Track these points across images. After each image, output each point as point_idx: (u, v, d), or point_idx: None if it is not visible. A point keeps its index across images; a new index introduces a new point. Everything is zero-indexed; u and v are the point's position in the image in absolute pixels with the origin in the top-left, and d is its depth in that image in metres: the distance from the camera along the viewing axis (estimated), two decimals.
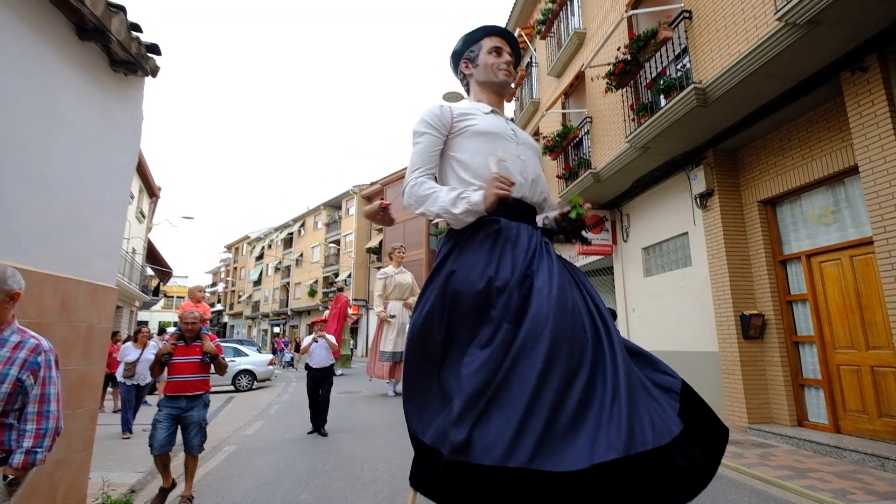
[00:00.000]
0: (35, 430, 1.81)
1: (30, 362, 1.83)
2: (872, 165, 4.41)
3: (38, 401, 1.84)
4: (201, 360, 3.78)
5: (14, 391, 1.78)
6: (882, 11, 4.01)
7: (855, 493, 3.66)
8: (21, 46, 2.93)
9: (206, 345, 3.82)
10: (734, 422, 6.04)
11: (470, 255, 1.71)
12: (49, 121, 3.15)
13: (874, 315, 4.83)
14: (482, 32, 2.22)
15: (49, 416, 1.86)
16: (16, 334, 1.88)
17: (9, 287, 1.87)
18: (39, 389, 1.85)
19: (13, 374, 1.78)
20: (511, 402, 1.34)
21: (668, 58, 6.35)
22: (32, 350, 1.86)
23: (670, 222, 7.68)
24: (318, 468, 4.65)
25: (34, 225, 3.05)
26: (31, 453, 1.78)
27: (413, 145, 1.99)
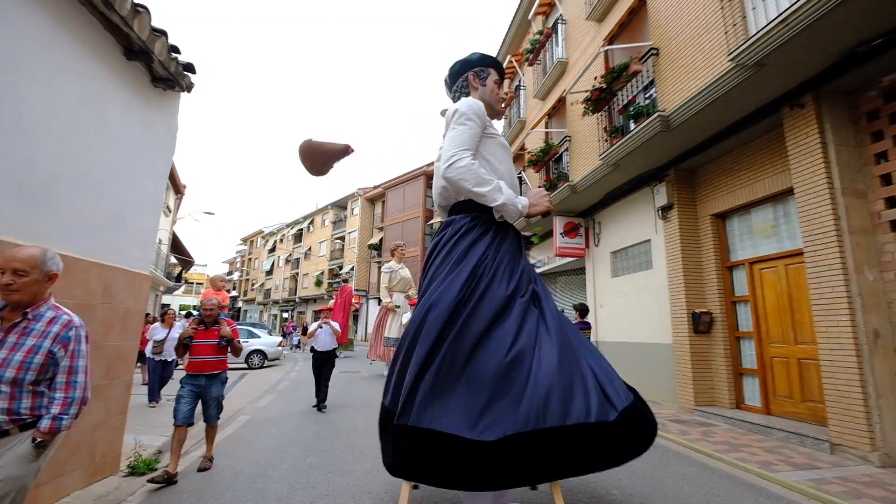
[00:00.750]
0: (63, 398, 1.79)
1: (61, 336, 1.83)
2: (805, 188, 4.62)
3: (66, 372, 1.82)
4: (218, 343, 3.78)
5: (46, 362, 1.78)
6: (817, 58, 4.20)
7: (777, 464, 3.88)
8: (78, 65, 3.04)
9: (223, 329, 3.82)
10: (683, 404, 6.27)
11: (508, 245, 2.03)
12: (99, 129, 3.26)
13: (803, 315, 5.06)
14: (495, 62, 2.36)
15: (76, 385, 1.84)
16: (51, 310, 1.88)
17: (47, 268, 1.87)
18: (68, 361, 1.84)
19: (46, 347, 1.78)
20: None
21: (638, 88, 6.53)
22: (65, 325, 1.86)
23: (636, 230, 7.87)
24: (322, 436, 4.79)
25: (83, 219, 3.15)
26: (58, 419, 1.76)
27: (460, 125, 1.95)
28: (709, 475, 3.72)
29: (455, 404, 1.64)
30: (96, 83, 3.21)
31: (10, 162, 2.54)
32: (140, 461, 3.69)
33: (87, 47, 3.11)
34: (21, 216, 2.62)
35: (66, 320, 1.87)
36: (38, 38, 2.71)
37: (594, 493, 3.22)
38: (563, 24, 9.50)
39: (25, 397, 1.74)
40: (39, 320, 1.82)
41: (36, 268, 1.81)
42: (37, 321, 1.81)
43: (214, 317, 3.86)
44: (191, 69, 4.06)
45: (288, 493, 3.14)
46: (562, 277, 11.66)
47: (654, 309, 7.21)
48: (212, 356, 3.76)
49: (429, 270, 2.03)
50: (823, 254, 4.39)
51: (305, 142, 2.44)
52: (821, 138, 4.48)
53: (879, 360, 4.03)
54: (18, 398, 1.72)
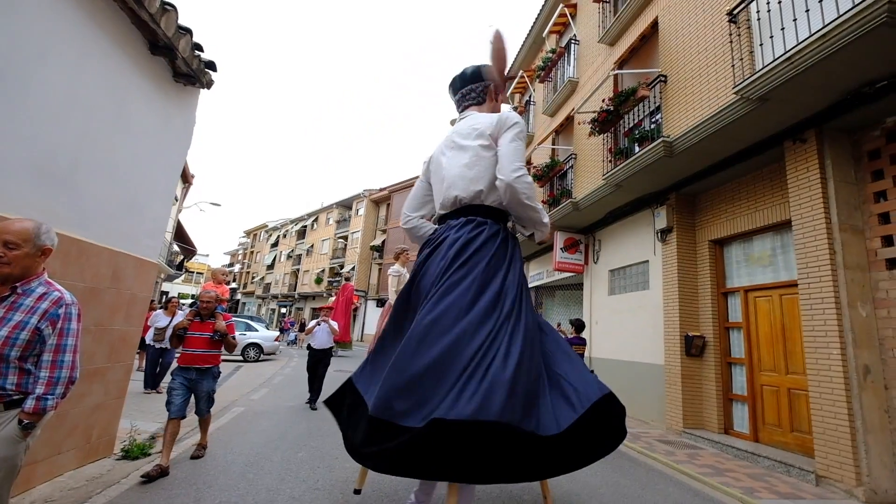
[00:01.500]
0: (48, 377, 1.72)
1: (50, 313, 1.74)
2: (802, 221, 4.68)
3: (53, 350, 1.74)
4: (212, 336, 3.68)
5: (32, 339, 1.70)
6: (821, 96, 4.27)
7: (761, 492, 3.89)
8: (104, 57, 3.12)
9: (217, 323, 3.71)
10: (671, 425, 6.27)
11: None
12: (119, 120, 3.33)
13: (795, 346, 5.09)
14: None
15: (63, 365, 1.76)
16: (42, 286, 1.79)
17: (41, 242, 1.79)
18: (56, 339, 1.75)
19: (33, 323, 1.70)
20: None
21: (644, 112, 6.62)
22: (55, 302, 1.77)
23: (635, 250, 7.91)
24: (313, 432, 4.81)
25: (98, 205, 3.22)
26: (42, 399, 1.69)
27: (520, 140, 2.05)
28: (691, 497, 3.73)
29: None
30: (120, 75, 3.29)
31: (33, 147, 2.61)
32: (134, 445, 3.73)
33: (114, 41, 3.19)
34: (39, 200, 2.69)
35: (56, 297, 1.78)
36: (67, 29, 2.79)
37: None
38: (576, 45, 9.63)
39: (11, 373, 1.68)
40: (29, 295, 1.74)
41: (29, 241, 1.73)
42: (26, 296, 1.73)
43: (211, 310, 3.76)
44: (212, 67, 4.15)
45: (278, 484, 3.16)
46: (560, 291, 11.70)
47: (649, 329, 7.23)
48: (204, 349, 3.66)
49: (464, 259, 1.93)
50: (817, 287, 4.43)
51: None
52: (821, 174, 4.54)
53: (868, 396, 4.05)
54: (4, 374, 1.66)
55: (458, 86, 2.43)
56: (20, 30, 2.44)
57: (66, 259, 2.91)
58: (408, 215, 2.42)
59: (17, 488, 2.73)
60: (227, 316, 3.93)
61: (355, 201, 34.82)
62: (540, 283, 12.18)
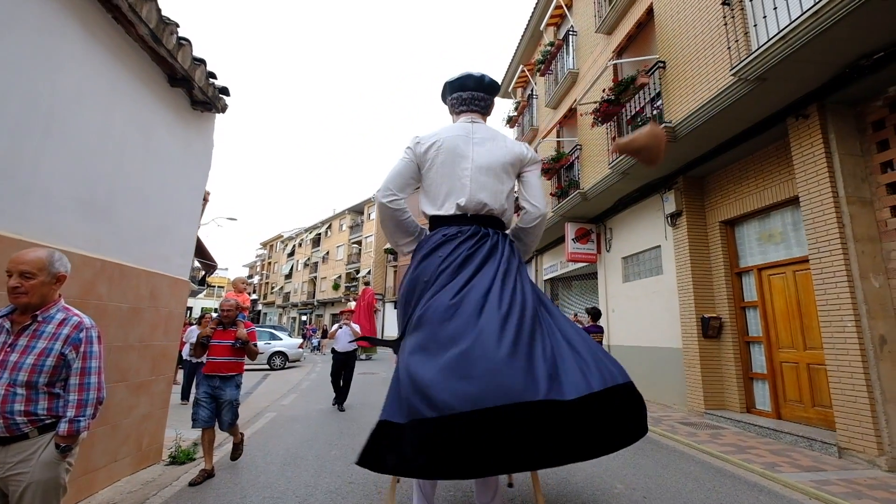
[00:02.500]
0: (77, 400, 1.78)
1: (72, 338, 1.79)
2: (810, 197, 4.70)
3: (79, 373, 1.80)
4: (233, 344, 3.67)
5: (58, 364, 1.76)
6: (819, 72, 4.29)
7: (782, 466, 3.96)
8: (130, 93, 3.37)
9: (238, 331, 3.70)
10: (693, 407, 6.32)
11: None
12: (146, 150, 3.59)
13: (811, 321, 5.10)
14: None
15: (90, 387, 1.81)
16: (61, 312, 1.84)
17: (55, 270, 1.83)
18: (80, 363, 1.80)
19: (57, 349, 1.75)
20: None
21: (645, 100, 6.66)
22: (75, 327, 1.82)
23: (646, 236, 7.95)
24: (343, 432, 5.04)
25: (134, 231, 3.48)
26: (75, 422, 1.75)
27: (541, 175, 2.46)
28: (712, 474, 3.82)
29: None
30: (145, 109, 3.55)
31: (75, 182, 2.87)
32: (180, 451, 4.00)
33: (137, 77, 3.45)
34: (85, 230, 2.95)
35: (76, 322, 1.84)
36: (98, 71, 3.04)
37: (598, 486, 3.38)
38: (574, 36, 9.67)
39: (42, 399, 1.73)
40: (49, 322, 1.79)
41: (44, 270, 1.78)
42: (47, 323, 1.79)
43: (232, 318, 3.77)
44: (226, 92, 4.39)
45: (315, 480, 3.39)
46: (577, 282, 11.75)
47: (665, 314, 7.27)
48: (227, 357, 3.67)
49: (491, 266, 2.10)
50: (829, 261, 4.45)
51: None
52: (825, 148, 4.55)
53: (886, 366, 4.08)
54: (35, 400, 1.71)
55: (471, 87, 2.50)
56: (61, 78, 2.70)
57: (111, 282, 3.18)
58: (395, 193, 2.32)
59: (83, 493, 3.01)
60: (248, 324, 3.93)
61: (366, 206, 35.24)
62: (554, 275, 12.25)
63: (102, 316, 3.10)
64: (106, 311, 3.14)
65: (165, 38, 3.40)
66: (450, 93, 2.55)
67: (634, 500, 3.14)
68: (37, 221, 2.56)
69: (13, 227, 2.39)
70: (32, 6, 2.48)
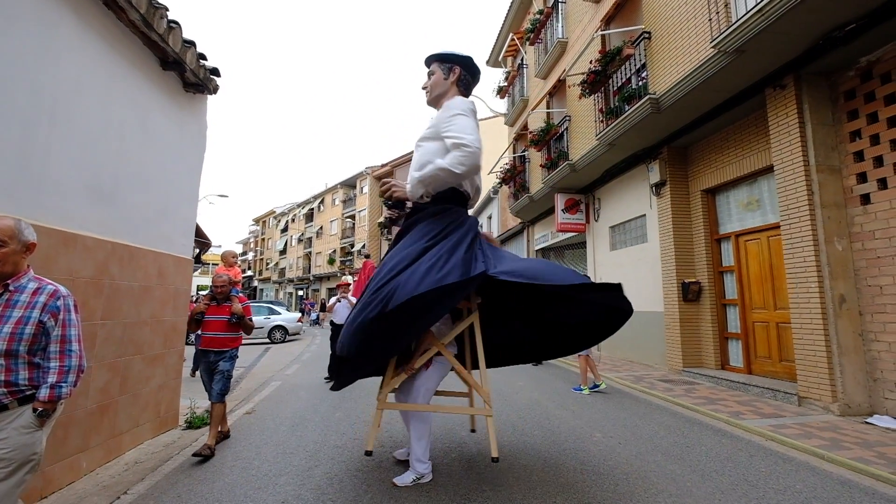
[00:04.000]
0: (59, 367, 1.76)
1: (49, 306, 1.77)
2: (783, 165, 4.92)
3: (59, 341, 1.78)
4: (229, 319, 3.65)
5: (37, 332, 1.74)
6: (795, 43, 4.42)
7: (746, 414, 4.37)
8: (125, 80, 3.46)
9: (233, 306, 3.67)
10: (672, 366, 6.76)
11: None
12: (144, 135, 3.70)
13: (781, 283, 5.43)
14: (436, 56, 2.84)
15: (72, 354, 1.80)
16: (33, 282, 1.81)
17: (25, 238, 1.80)
18: (60, 330, 1.79)
19: (35, 317, 1.73)
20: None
21: (631, 71, 6.73)
22: (51, 295, 1.79)
23: (632, 205, 8.19)
24: (346, 397, 5.38)
25: (139, 214, 3.65)
26: (56, 387, 1.73)
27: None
28: (682, 423, 4.23)
29: None
30: (140, 94, 3.64)
31: (82, 169, 3.01)
32: (195, 417, 4.31)
33: (131, 63, 3.52)
34: (94, 215, 3.12)
35: (51, 290, 1.81)
36: (95, 60, 3.12)
37: (579, 435, 3.76)
38: (563, 3, 9.53)
39: (22, 369, 1.71)
40: (23, 291, 1.76)
41: (14, 238, 1.75)
42: (20, 292, 1.75)
43: (226, 293, 3.73)
44: (216, 73, 4.44)
45: (323, 437, 3.73)
46: (569, 251, 12.04)
47: (649, 279, 7.61)
48: (221, 332, 3.64)
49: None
50: (798, 227, 4.73)
51: None
52: (799, 118, 4.74)
53: (843, 322, 4.43)
54: (15, 370, 1.70)
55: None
56: (61, 70, 2.79)
57: (121, 263, 3.37)
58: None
59: (112, 454, 3.32)
60: (242, 298, 3.89)
61: (359, 179, 35.00)
62: (545, 245, 12.53)
63: (116, 294, 3.32)
64: (119, 290, 3.35)
65: (156, 23, 3.45)
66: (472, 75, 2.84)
67: (610, 447, 3.51)
68: (51, 208, 2.73)
69: (31, 214, 2.56)
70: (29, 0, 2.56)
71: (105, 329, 3.22)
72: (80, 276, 2.96)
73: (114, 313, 3.31)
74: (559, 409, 4.71)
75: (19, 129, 2.49)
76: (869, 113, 4.43)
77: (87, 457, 3.04)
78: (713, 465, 3.12)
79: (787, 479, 2.90)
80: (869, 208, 4.39)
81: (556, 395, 5.43)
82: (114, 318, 3.31)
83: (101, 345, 3.18)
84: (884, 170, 4.27)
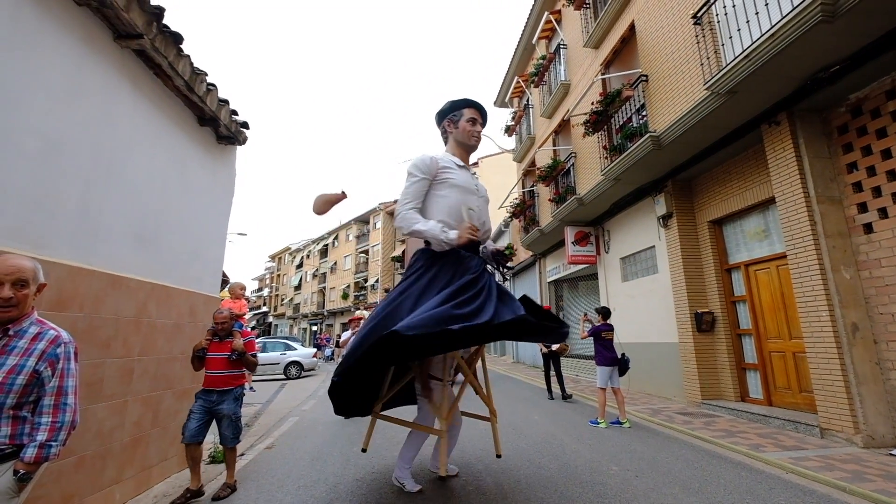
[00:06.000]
0: (51, 423, 1.56)
1: (48, 354, 1.61)
2: (784, 197, 5.07)
3: (55, 393, 1.59)
4: (229, 356, 3.45)
5: (30, 382, 1.56)
6: (784, 83, 4.68)
7: (766, 447, 4.30)
8: (169, 136, 3.85)
9: (234, 342, 3.47)
10: (691, 399, 6.65)
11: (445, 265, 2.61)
12: (183, 185, 4.06)
13: (794, 312, 5.43)
14: (465, 104, 2.92)
15: (66, 409, 1.61)
16: (34, 325, 1.66)
17: (40, 278, 1.69)
18: (57, 381, 1.61)
19: (30, 366, 1.56)
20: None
21: (632, 110, 7.07)
22: (52, 341, 1.64)
23: (641, 237, 8.32)
24: (362, 432, 5.42)
25: (175, 256, 3.95)
26: (45, 447, 1.53)
27: (407, 182, 2.68)
28: (701, 456, 4.18)
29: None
30: (180, 148, 4.03)
31: (130, 218, 3.34)
32: (217, 452, 4.42)
33: (173, 122, 3.93)
34: (138, 259, 3.41)
35: (52, 336, 1.65)
36: (146, 120, 3.51)
37: (596, 468, 3.76)
38: (565, 49, 10.11)
39: (4, 424, 1.52)
40: (22, 337, 1.60)
41: (35, 280, 1.66)
42: (19, 338, 1.60)
43: (228, 329, 3.51)
44: (246, 126, 4.87)
45: (342, 470, 3.80)
46: (582, 283, 12.09)
47: (662, 310, 7.62)
48: (223, 370, 3.43)
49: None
50: (803, 256, 4.81)
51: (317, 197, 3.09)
52: (795, 152, 4.93)
53: (859, 351, 4.42)
54: None
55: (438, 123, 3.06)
56: (117, 132, 3.17)
57: (158, 303, 3.63)
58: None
59: (142, 487, 3.45)
60: (246, 332, 3.69)
61: (372, 215, 35.82)
62: (557, 277, 12.61)
63: (153, 332, 3.57)
64: (155, 328, 3.60)
65: (196, 86, 3.88)
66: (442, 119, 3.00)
67: (627, 479, 3.51)
68: (103, 254, 3.02)
69: (87, 259, 2.85)
70: (95, 74, 2.96)
71: (141, 365, 3.44)
72: (124, 316, 3.22)
73: (149, 350, 3.53)
74: (575, 443, 4.69)
75: (81, 186, 2.83)
76: (863, 146, 4.60)
77: (121, 488, 3.18)
78: (731, 499, 3.10)
79: None
80: (872, 237, 4.47)
81: (572, 429, 5.40)
82: (149, 354, 3.53)
83: (137, 380, 3.38)
84: (883, 200, 4.38)
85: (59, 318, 2.60)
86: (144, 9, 3.05)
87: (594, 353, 5.80)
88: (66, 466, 2.67)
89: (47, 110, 2.58)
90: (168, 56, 3.41)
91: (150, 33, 3.16)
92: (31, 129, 2.47)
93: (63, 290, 2.64)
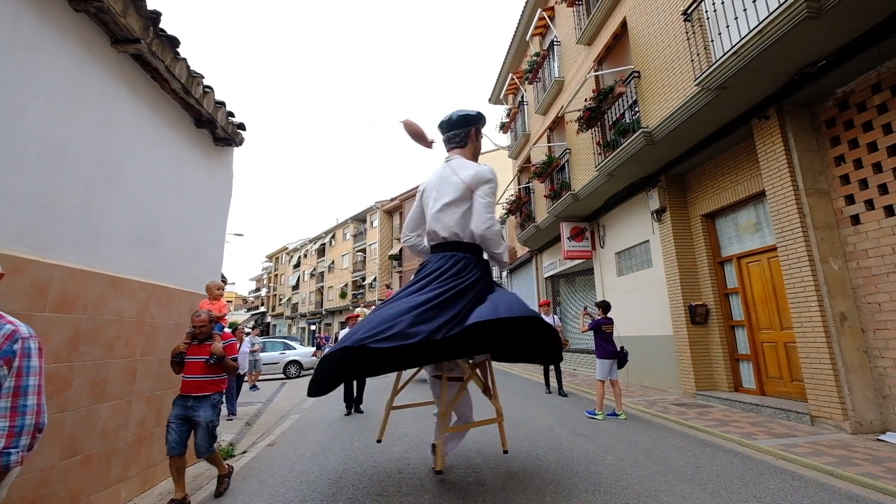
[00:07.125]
0: (7, 427, 1.38)
1: (4, 350, 1.43)
2: (774, 190, 5.15)
3: (11, 394, 1.42)
4: (206, 361, 3.23)
5: None
6: (772, 78, 4.75)
7: (759, 435, 4.40)
8: (167, 139, 3.89)
9: (213, 346, 3.26)
10: (685, 389, 6.76)
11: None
12: (181, 186, 4.10)
13: (785, 303, 5.53)
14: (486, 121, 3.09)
15: (26, 411, 1.43)
16: None
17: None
18: (14, 381, 1.43)
19: None
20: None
21: (625, 107, 7.14)
22: (7, 337, 1.45)
23: (636, 232, 8.41)
24: (363, 428, 5.52)
25: (175, 257, 3.99)
26: (4, 455, 1.36)
27: (490, 197, 2.75)
28: (695, 444, 4.28)
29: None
30: (178, 151, 4.07)
31: (130, 220, 3.38)
32: (221, 450, 4.47)
33: (171, 124, 3.97)
34: (139, 260, 3.46)
35: (9, 330, 1.47)
36: (144, 124, 3.56)
37: (592, 459, 3.85)
38: (558, 45, 10.16)
39: None
40: None
41: None
42: None
43: (206, 332, 3.29)
44: (243, 128, 4.91)
45: (344, 465, 3.88)
46: (579, 278, 12.19)
47: (657, 303, 7.72)
48: (200, 375, 3.21)
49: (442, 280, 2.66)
50: (793, 248, 4.91)
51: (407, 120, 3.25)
52: (784, 146, 5.01)
53: (847, 340, 4.52)
54: None
55: (445, 129, 3.05)
56: (116, 137, 3.21)
57: (159, 303, 3.68)
58: (407, 235, 3.17)
59: (147, 484, 3.51)
60: (226, 335, 3.44)
61: (369, 214, 35.82)
62: (553, 273, 12.70)
63: (154, 332, 3.62)
64: (157, 328, 3.65)
65: (193, 89, 3.92)
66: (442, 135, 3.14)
67: (622, 469, 3.60)
68: (105, 256, 3.07)
69: (88, 261, 2.90)
70: (94, 78, 3.00)
71: (144, 364, 3.49)
72: (126, 317, 3.27)
73: (151, 349, 3.59)
74: (572, 435, 4.78)
75: (82, 190, 2.87)
76: (850, 139, 4.69)
77: (126, 486, 3.24)
78: (723, 484, 3.19)
79: (795, 495, 2.97)
80: (860, 228, 4.57)
81: (569, 421, 5.49)
82: (152, 354, 3.59)
83: (140, 379, 3.44)
84: (869, 192, 4.47)
85: (64, 319, 2.65)
86: (141, 13, 3.08)
87: (595, 347, 5.90)
88: (73, 465, 2.73)
89: (48, 115, 2.62)
90: (165, 60, 3.44)
91: (147, 37, 3.19)
92: (33, 134, 2.52)
93: (67, 293, 2.69)
